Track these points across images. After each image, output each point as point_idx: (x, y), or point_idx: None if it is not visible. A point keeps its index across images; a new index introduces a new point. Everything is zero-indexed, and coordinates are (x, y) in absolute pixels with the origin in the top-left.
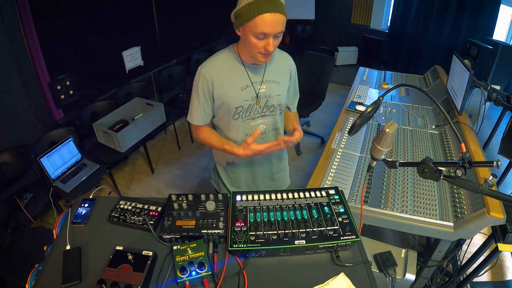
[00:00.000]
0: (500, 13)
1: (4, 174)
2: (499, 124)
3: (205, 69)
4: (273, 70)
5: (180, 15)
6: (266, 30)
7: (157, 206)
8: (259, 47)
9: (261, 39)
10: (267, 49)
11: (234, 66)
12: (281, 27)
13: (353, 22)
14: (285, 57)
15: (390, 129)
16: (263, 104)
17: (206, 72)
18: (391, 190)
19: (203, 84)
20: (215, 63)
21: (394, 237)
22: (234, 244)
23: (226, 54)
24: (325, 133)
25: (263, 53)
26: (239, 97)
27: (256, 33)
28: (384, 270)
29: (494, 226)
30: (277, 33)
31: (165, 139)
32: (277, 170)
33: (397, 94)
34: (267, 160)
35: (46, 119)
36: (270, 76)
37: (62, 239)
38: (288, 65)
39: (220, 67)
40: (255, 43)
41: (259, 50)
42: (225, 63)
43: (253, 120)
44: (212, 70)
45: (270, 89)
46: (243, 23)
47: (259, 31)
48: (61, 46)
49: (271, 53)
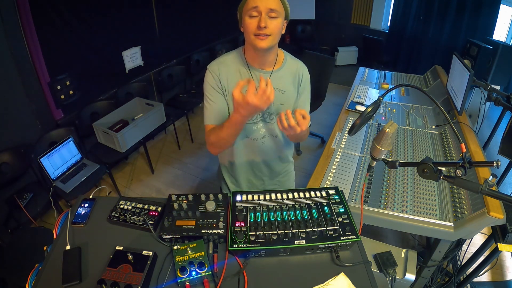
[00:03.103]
0: (500, 13)
1: (4, 174)
2: (499, 124)
3: (213, 67)
4: (281, 78)
5: (180, 15)
6: (255, 3)
7: (157, 206)
8: (253, 27)
9: (254, 17)
10: (260, 25)
11: (239, 69)
12: (272, 3)
13: (353, 22)
14: (298, 66)
15: (390, 129)
16: (265, 110)
17: (213, 70)
18: (391, 190)
19: (211, 81)
20: (223, 63)
21: (394, 237)
22: (234, 244)
23: (234, 55)
24: (325, 133)
25: (257, 33)
26: None
27: (248, 10)
28: (384, 270)
29: (494, 226)
30: (270, 10)
31: (165, 139)
32: (278, 173)
33: (397, 94)
34: (265, 163)
35: (46, 119)
36: (274, 84)
37: (62, 239)
38: (299, 75)
39: (227, 67)
40: (249, 23)
41: (254, 31)
42: (232, 64)
43: (255, 124)
44: (218, 69)
45: (273, 97)
46: (241, 10)
47: (250, 7)
48: (61, 46)
49: (267, 35)
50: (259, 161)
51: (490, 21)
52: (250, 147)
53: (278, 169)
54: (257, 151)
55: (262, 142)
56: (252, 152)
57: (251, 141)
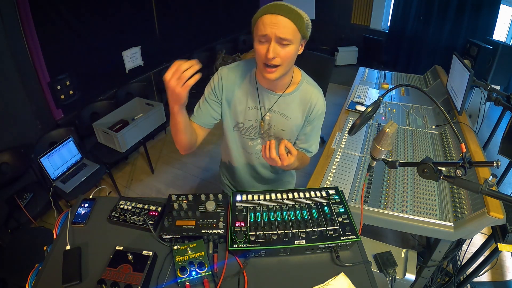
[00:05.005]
0: (500, 13)
1: (4, 174)
2: (499, 124)
3: (223, 73)
4: (289, 103)
5: (180, 15)
6: (264, 31)
7: (157, 206)
8: (262, 54)
9: (263, 43)
10: (267, 56)
11: (247, 86)
12: (284, 31)
13: (353, 22)
14: (313, 95)
15: (390, 129)
16: (265, 129)
17: (222, 76)
18: (391, 190)
19: (215, 85)
20: (234, 73)
21: (394, 237)
22: (234, 244)
23: (246, 68)
24: (325, 133)
25: (265, 63)
26: (243, 115)
27: (258, 36)
28: (384, 270)
29: (494, 226)
30: (280, 38)
31: (165, 139)
32: (274, 181)
33: (397, 94)
34: (260, 172)
35: (46, 119)
36: (280, 107)
37: (62, 239)
38: (311, 104)
39: (235, 79)
40: (258, 49)
41: (263, 59)
42: (242, 76)
43: (252, 140)
44: (227, 78)
45: (275, 120)
46: (253, 26)
47: (260, 33)
48: (61, 46)
49: (275, 66)
50: (255, 167)
51: (490, 21)
52: (247, 157)
53: (274, 178)
54: (254, 161)
55: (256, 157)
56: (249, 160)
57: (246, 153)
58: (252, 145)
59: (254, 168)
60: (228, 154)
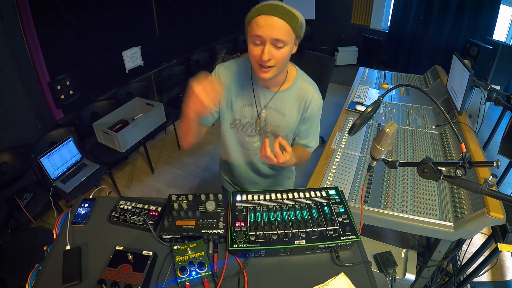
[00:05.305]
0: (500, 13)
1: (4, 174)
2: (499, 124)
3: (220, 70)
4: (285, 100)
5: (180, 15)
6: (259, 32)
7: (157, 206)
8: (256, 55)
9: (257, 45)
10: (262, 58)
11: (243, 83)
12: (278, 33)
13: (353, 22)
14: (308, 91)
15: (390, 129)
16: (262, 126)
17: (219, 73)
18: (391, 190)
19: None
20: (231, 70)
21: (394, 237)
22: (234, 244)
23: (242, 65)
24: (325, 133)
25: (260, 64)
26: (240, 112)
27: (252, 36)
28: (384, 270)
29: (494, 226)
30: (275, 39)
31: (165, 139)
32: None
33: (397, 94)
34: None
35: (46, 119)
36: (275, 104)
37: (62, 239)
38: (306, 100)
39: (232, 76)
40: (252, 50)
41: (257, 60)
42: (238, 74)
43: (249, 137)
44: (224, 74)
45: (271, 117)
46: (247, 26)
47: (253, 34)
48: (61, 46)
49: (270, 67)
50: (253, 163)
51: (490, 21)
52: (245, 153)
53: (273, 174)
54: (252, 157)
55: (254, 153)
56: (247, 156)
57: (244, 149)
58: (250, 142)
59: (252, 164)
60: (226, 151)
